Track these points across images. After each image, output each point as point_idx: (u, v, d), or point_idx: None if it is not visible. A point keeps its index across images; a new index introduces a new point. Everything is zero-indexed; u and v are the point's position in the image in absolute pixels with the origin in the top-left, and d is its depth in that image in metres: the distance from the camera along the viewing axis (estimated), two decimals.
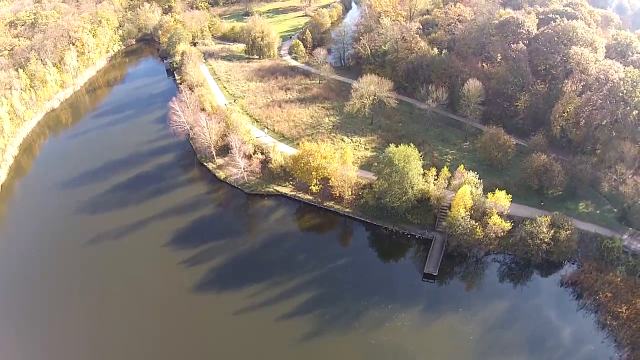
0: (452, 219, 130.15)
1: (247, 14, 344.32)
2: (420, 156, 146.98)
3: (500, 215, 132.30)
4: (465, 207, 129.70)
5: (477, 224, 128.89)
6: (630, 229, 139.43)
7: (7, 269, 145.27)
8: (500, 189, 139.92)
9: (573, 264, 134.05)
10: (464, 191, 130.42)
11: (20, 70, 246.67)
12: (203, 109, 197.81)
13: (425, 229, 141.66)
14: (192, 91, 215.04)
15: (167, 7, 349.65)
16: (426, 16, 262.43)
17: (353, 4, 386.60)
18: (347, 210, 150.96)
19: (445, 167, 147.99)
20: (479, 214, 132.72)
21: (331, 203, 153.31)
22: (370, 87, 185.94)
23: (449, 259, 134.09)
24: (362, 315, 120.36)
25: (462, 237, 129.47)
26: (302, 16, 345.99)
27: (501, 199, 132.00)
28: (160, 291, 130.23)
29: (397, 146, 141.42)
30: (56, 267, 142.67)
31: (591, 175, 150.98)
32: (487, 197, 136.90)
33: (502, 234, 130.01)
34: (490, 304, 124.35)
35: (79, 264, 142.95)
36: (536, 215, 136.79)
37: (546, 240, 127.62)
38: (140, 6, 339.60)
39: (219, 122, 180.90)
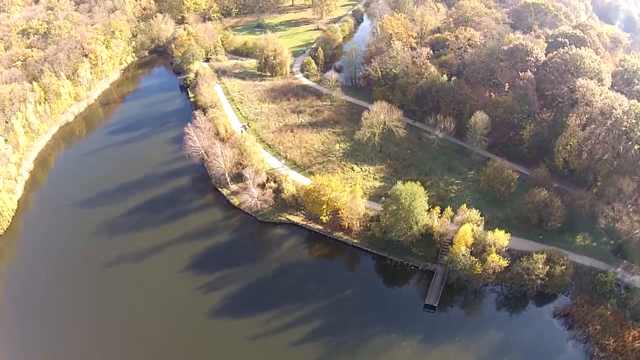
0: (453, 254, 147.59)
1: (259, 25, 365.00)
2: (427, 187, 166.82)
3: (499, 251, 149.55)
4: (466, 245, 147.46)
5: (476, 259, 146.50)
6: (624, 261, 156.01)
7: (22, 287, 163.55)
8: (502, 222, 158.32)
9: (567, 296, 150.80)
10: (465, 229, 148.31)
11: (35, 83, 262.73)
12: (217, 133, 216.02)
13: (428, 262, 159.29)
14: (206, 113, 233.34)
15: (179, 17, 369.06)
16: (437, 35, 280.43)
17: (365, 17, 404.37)
18: (355, 240, 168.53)
19: (449, 206, 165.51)
20: (479, 249, 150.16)
21: (340, 233, 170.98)
22: (380, 116, 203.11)
23: (449, 290, 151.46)
24: (366, 343, 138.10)
25: (462, 272, 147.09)
26: (314, 30, 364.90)
27: (500, 238, 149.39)
28: (176, 316, 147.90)
29: (404, 183, 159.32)
30: (72, 289, 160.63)
31: (590, 209, 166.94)
32: (487, 233, 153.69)
33: (499, 269, 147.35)
34: (487, 333, 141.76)
35: (95, 287, 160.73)
36: (535, 248, 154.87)
37: (541, 276, 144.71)
38: (153, 17, 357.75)
39: (232, 148, 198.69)
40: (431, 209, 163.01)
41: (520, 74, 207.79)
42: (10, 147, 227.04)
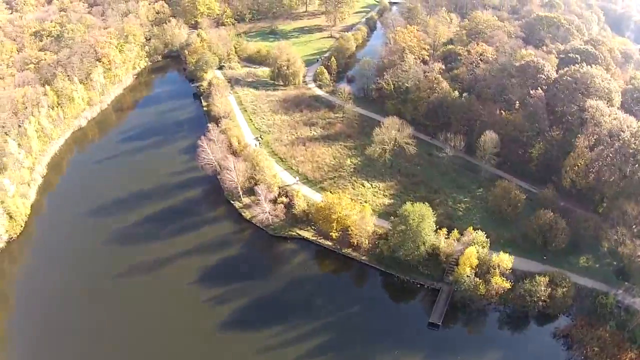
0: (458, 275, 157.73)
1: (272, 32, 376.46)
2: (435, 205, 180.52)
3: (503, 273, 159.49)
4: (471, 266, 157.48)
5: (480, 280, 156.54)
6: (626, 283, 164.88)
7: (32, 292, 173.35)
8: (507, 242, 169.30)
9: (568, 316, 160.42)
10: (471, 252, 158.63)
11: (48, 87, 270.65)
12: (230, 145, 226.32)
13: (434, 280, 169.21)
14: (219, 123, 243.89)
15: (193, 22, 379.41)
16: (449, 47, 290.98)
17: (378, 24, 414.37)
18: (363, 257, 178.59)
19: (456, 229, 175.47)
20: (484, 270, 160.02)
21: (349, 250, 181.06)
22: (392, 132, 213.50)
23: (453, 309, 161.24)
24: (371, 358, 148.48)
25: (466, 292, 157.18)
26: (327, 37, 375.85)
27: (504, 261, 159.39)
28: (184, 328, 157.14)
29: (412, 203, 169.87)
30: (81, 297, 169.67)
31: (594, 231, 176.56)
32: (492, 255, 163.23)
33: (502, 291, 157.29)
34: (488, 352, 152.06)
35: (104, 296, 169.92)
36: (538, 269, 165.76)
37: (543, 298, 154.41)
38: (167, 21, 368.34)
39: (245, 161, 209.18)
40: (438, 230, 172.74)
41: (531, 91, 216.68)
42: (23, 152, 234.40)
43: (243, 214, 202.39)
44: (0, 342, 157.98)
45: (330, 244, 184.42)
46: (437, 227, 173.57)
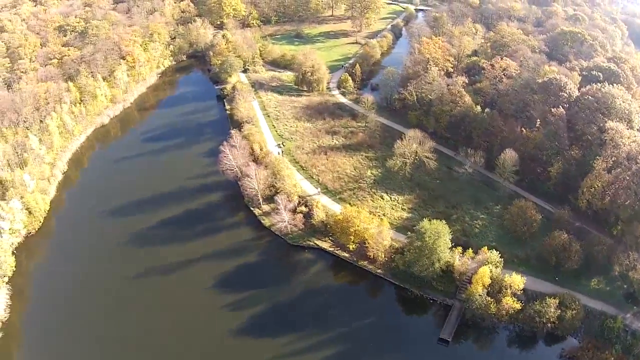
0: (470, 293, 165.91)
1: (298, 35, 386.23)
2: (452, 220, 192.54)
3: (514, 293, 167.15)
4: (483, 285, 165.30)
5: (492, 300, 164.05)
6: (635, 307, 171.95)
7: (48, 288, 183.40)
8: (521, 261, 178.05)
9: (575, 338, 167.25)
10: (484, 271, 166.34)
11: (70, 83, 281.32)
12: (252, 151, 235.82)
13: (446, 296, 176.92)
14: (242, 128, 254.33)
15: (219, 23, 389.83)
16: (473, 58, 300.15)
17: (403, 31, 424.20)
18: (378, 270, 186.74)
19: (470, 248, 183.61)
20: (496, 289, 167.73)
21: (365, 262, 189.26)
22: (413, 145, 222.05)
23: (464, 326, 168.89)
24: None
25: (477, 310, 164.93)
26: (353, 43, 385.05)
27: (516, 282, 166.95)
28: (199, 333, 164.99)
29: (430, 220, 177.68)
30: (96, 296, 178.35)
31: (607, 254, 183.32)
32: (505, 276, 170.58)
33: (513, 311, 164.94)
34: None
35: (120, 296, 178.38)
36: (550, 290, 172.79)
37: (552, 319, 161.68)
38: (192, 21, 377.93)
39: (266, 168, 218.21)
40: (454, 248, 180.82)
41: (553, 110, 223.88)
42: (44, 148, 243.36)
43: (262, 221, 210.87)
44: (14, 334, 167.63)
45: (346, 255, 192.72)
46: (453, 244, 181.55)
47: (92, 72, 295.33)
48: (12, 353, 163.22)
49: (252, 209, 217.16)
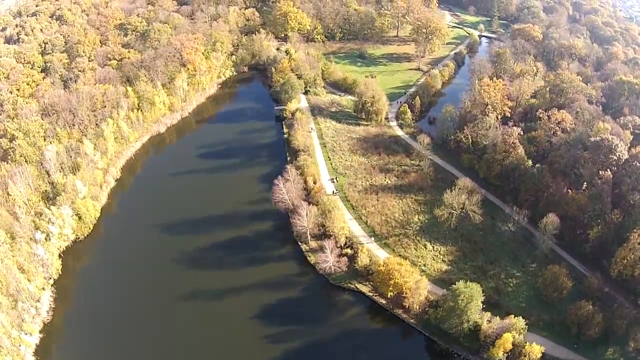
0: (492, 354, 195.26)
1: (361, 55, 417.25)
2: (488, 276, 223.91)
3: None
4: (504, 350, 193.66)
5: None
6: None
7: (91, 296, 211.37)
8: (546, 325, 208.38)
9: None
10: (507, 337, 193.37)
11: (129, 88, 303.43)
12: (305, 183, 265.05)
13: (471, 354, 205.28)
14: (297, 157, 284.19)
15: (283, 35, 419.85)
16: (532, 100, 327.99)
17: (467, 59, 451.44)
18: (412, 320, 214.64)
19: (498, 317, 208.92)
20: (516, 354, 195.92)
21: (400, 311, 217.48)
22: (462, 197, 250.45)
23: None
24: None
25: None
26: (415, 69, 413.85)
27: (535, 352, 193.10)
28: None
29: (465, 282, 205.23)
30: (139, 311, 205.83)
31: (627, 327, 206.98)
32: (526, 345, 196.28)
33: None
34: None
35: (162, 315, 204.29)
36: (568, 357, 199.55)
37: None
38: (256, 31, 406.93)
39: (317, 205, 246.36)
40: (483, 313, 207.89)
41: (600, 172, 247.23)
42: (98, 153, 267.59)
43: (308, 257, 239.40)
44: (56, 335, 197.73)
45: (384, 302, 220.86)
46: (484, 305, 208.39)
47: (151, 78, 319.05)
48: (53, 354, 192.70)
49: (299, 243, 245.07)
